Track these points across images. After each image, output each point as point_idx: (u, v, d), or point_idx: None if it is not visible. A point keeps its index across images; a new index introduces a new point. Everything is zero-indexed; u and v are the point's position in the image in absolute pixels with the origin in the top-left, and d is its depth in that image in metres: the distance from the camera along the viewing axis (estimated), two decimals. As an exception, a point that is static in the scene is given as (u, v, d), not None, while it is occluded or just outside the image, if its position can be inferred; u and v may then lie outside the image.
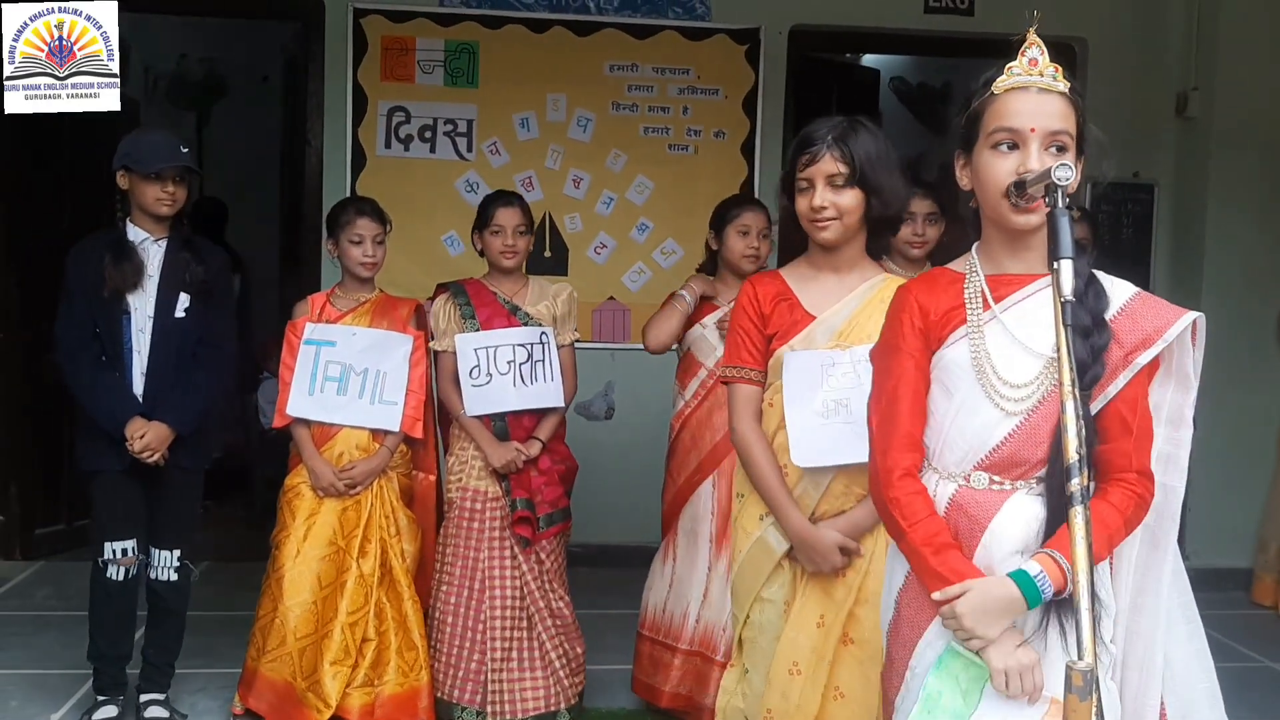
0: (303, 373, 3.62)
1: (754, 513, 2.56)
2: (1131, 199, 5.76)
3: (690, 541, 3.72)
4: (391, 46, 5.36)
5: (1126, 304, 1.89)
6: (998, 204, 1.88)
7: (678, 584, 3.72)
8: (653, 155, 5.54)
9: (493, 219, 3.70)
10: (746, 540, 2.56)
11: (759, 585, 2.54)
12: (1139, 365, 1.85)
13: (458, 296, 3.73)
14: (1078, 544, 1.49)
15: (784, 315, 2.53)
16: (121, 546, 3.54)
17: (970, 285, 1.95)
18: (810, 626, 2.48)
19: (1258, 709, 4.05)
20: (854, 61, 7.32)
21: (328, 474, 3.59)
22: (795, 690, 2.46)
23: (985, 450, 1.89)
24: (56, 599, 4.86)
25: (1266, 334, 5.51)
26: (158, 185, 3.45)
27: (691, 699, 3.66)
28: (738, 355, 2.58)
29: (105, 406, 3.46)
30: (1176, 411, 1.93)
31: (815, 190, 2.46)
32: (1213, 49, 5.51)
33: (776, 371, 2.52)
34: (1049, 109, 1.86)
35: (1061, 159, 1.84)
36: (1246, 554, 5.43)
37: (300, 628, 3.52)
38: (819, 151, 2.45)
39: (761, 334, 2.55)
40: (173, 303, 3.51)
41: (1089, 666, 1.42)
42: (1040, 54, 1.88)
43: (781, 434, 2.50)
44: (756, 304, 2.55)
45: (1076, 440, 1.52)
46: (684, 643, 3.67)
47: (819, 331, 2.50)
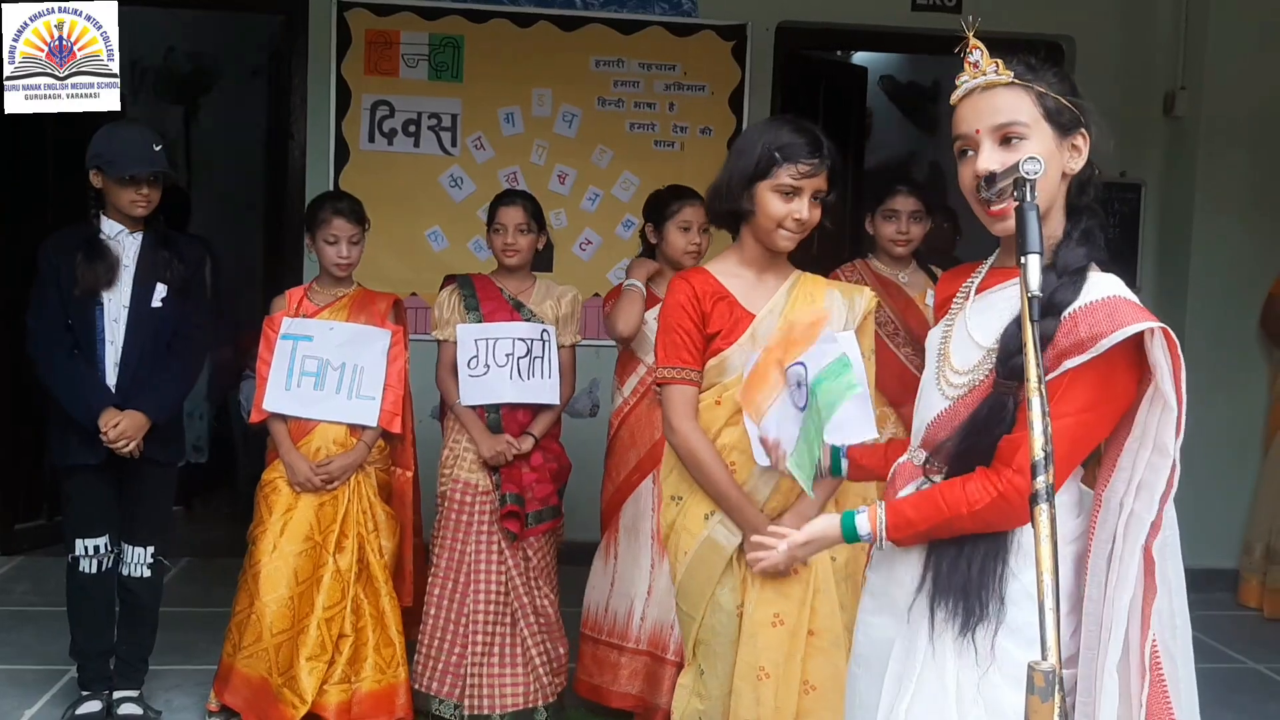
0: (280, 367, 3.59)
1: (698, 512, 2.53)
2: (1118, 198, 5.74)
3: (631, 539, 3.70)
4: (375, 40, 5.33)
5: (1088, 305, 1.79)
6: (975, 208, 1.89)
7: (620, 581, 3.70)
8: (639, 151, 5.51)
9: (495, 217, 3.72)
10: (693, 540, 2.53)
11: (711, 586, 2.52)
12: (1064, 369, 1.77)
13: (463, 288, 3.75)
14: (1041, 543, 1.46)
15: (724, 314, 2.50)
16: (93, 544, 3.52)
17: (976, 276, 1.99)
18: (766, 627, 2.46)
19: (1245, 711, 4.04)
20: (843, 59, 7.31)
21: (304, 469, 3.56)
22: (768, 694, 2.44)
23: (923, 429, 1.98)
24: (35, 594, 4.84)
25: (1252, 334, 5.50)
26: (131, 188, 3.41)
27: (643, 699, 3.63)
28: (677, 355, 2.51)
29: (78, 399, 3.43)
30: (1161, 438, 1.82)
31: (802, 200, 2.43)
32: (1200, 48, 5.50)
33: (721, 370, 2.49)
34: (992, 105, 1.85)
35: (1016, 149, 1.82)
36: (1232, 556, 5.42)
37: (276, 623, 3.50)
38: (818, 165, 2.43)
39: (701, 333, 2.51)
40: (149, 293, 3.49)
41: (1051, 667, 1.39)
42: (980, 55, 1.87)
43: (728, 433, 2.48)
44: (696, 303, 2.50)
45: (1043, 438, 1.49)
46: (631, 641, 3.65)
47: (760, 329, 2.49)
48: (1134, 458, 1.83)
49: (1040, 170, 1.61)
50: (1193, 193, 5.53)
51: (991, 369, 1.84)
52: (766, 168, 2.44)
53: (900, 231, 3.95)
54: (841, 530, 1.98)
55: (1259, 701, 4.21)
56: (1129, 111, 5.64)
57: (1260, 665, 4.57)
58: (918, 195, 3.97)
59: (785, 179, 2.42)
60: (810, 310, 2.50)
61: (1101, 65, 5.61)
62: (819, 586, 2.48)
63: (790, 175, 2.42)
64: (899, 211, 3.94)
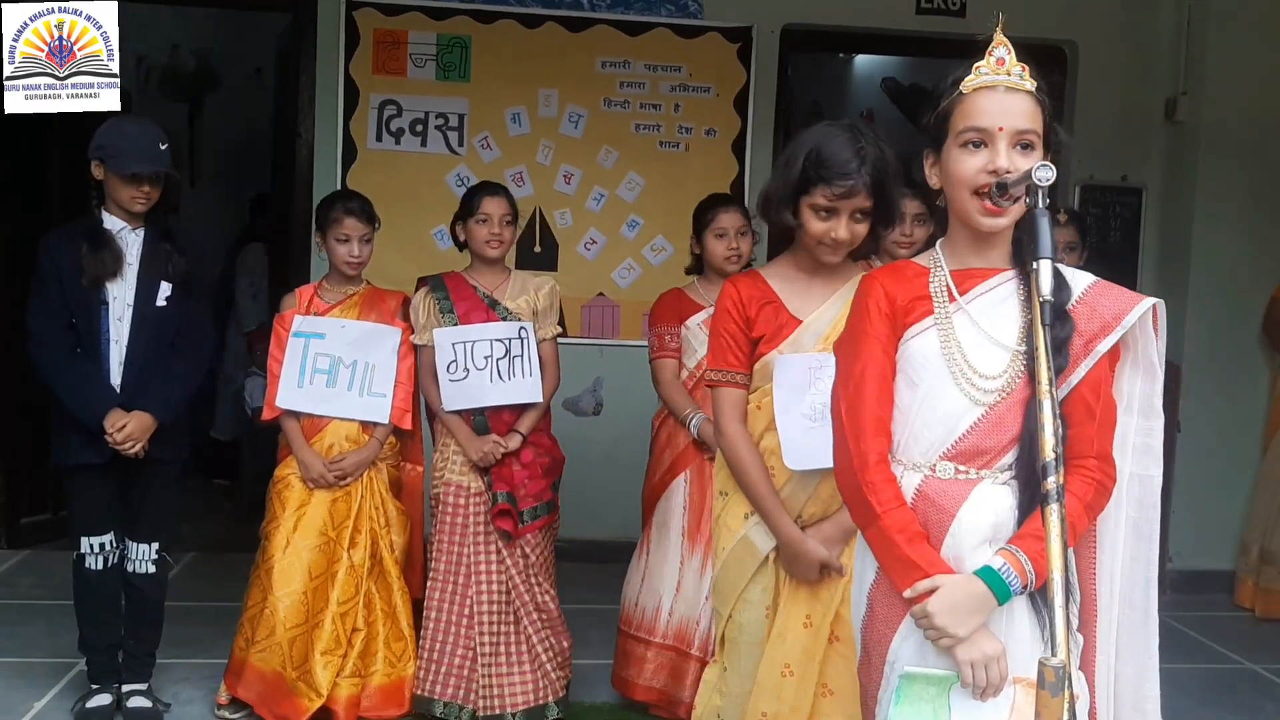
0: (292, 365, 3.62)
1: (738, 511, 2.56)
2: (1119, 202, 5.78)
3: (662, 535, 3.74)
4: (384, 40, 5.36)
5: (1085, 292, 1.92)
6: (966, 202, 1.90)
7: (650, 577, 3.74)
8: (644, 152, 5.54)
9: (479, 208, 3.69)
10: (730, 538, 2.56)
11: (743, 584, 2.55)
12: (1099, 353, 1.87)
13: (436, 290, 3.72)
14: (1053, 542, 1.50)
15: (769, 318, 2.51)
16: (99, 541, 3.53)
17: (935, 279, 1.98)
18: (798, 627, 2.49)
19: (1241, 711, 4.08)
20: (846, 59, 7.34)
21: (318, 465, 3.60)
22: (789, 692, 2.47)
23: (952, 439, 1.91)
24: (42, 588, 4.85)
25: (1252, 336, 5.54)
26: (133, 186, 3.39)
27: (666, 693, 3.67)
28: (723, 359, 2.55)
29: (82, 399, 3.41)
30: (1146, 401, 1.94)
31: (840, 220, 2.41)
32: (1202, 53, 5.53)
33: (763, 375, 2.51)
34: (1016, 108, 1.88)
35: (1028, 156, 1.86)
36: (1228, 557, 5.46)
37: (290, 618, 3.52)
38: (855, 187, 2.37)
39: (746, 337, 2.52)
40: (154, 291, 3.47)
41: (1061, 663, 1.43)
42: (1007, 53, 1.89)
43: (769, 436, 2.50)
44: (741, 307, 2.52)
45: (1053, 439, 1.54)
46: (658, 636, 3.69)
47: (805, 335, 2.50)
48: (1124, 427, 1.94)
49: (1051, 178, 1.65)
50: (1194, 197, 5.56)
51: (1024, 369, 1.88)
52: (805, 184, 2.42)
53: (904, 234, 3.95)
54: (993, 593, 1.81)
55: (1256, 702, 4.24)
56: (1131, 116, 5.69)
57: (1257, 666, 4.60)
58: (921, 198, 3.98)
59: (820, 199, 2.40)
60: None
61: (1103, 70, 5.66)
62: (846, 596, 2.45)
63: (825, 196, 2.39)
64: (903, 214, 3.96)
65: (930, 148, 1.99)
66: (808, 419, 2.44)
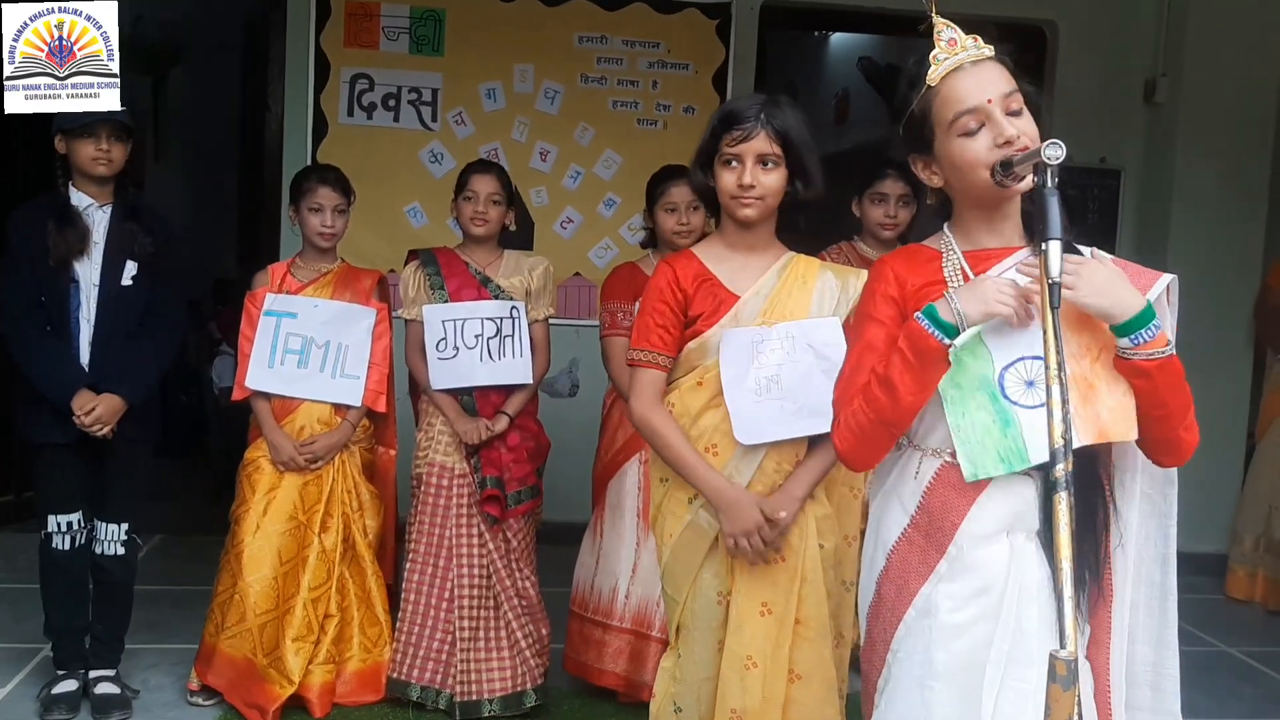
0: (263, 345, 3.54)
1: (682, 496, 2.51)
2: (1098, 184, 5.77)
3: (616, 517, 3.69)
4: (355, 12, 5.27)
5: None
6: (985, 184, 1.85)
7: (604, 559, 3.70)
8: (621, 129, 5.48)
9: (467, 184, 3.65)
10: (678, 524, 2.52)
11: (696, 567, 2.51)
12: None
13: (427, 265, 3.67)
14: (1061, 530, 1.46)
15: (707, 296, 2.48)
16: (66, 520, 3.45)
17: (949, 262, 1.94)
18: (754, 616, 2.44)
19: (1217, 693, 4.08)
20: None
21: (288, 448, 3.52)
22: (755, 685, 2.43)
23: None
24: (6, 571, 4.76)
25: (1232, 321, 5.54)
26: (91, 143, 3.33)
27: (627, 678, 3.63)
28: (648, 338, 2.49)
29: (51, 377, 3.36)
30: None
31: (744, 168, 2.41)
32: (1182, 35, 5.53)
33: (702, 353, 2.47)
34: (990, 76, 1.86)
35: (1023, 118, 1.84)
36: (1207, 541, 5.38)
37: (260, 603, 3.46)
38: (752, 129, 2.39)
39: (679, 319, 2.48)
40: (119, 270, 3.41)
41: (1071, 656, 1.39)
42: (955, 32, 1.88)
43: (710, 414, 2.46)
44: (676, 285, 2.48)
45: (1062, 425, 1.49)
46: (616, 619, 3.64)
47: (744, 311, 2.47)
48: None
49: (1062, 156, 1.60)
50: (1172, 179, 5.57)
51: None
52: (713, 143, 2.45)
53: (889, 215, 3.95)
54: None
55: (1233, 685, 4.25)
56: (1109, 97, 5.67)
57: (1234, 649, 4.62)
58: (906, 179, 3.95)
59: (725, 149, 2.43)
60: (801, 292, 2.48)
61: (1083, 51, 5.64)
62: (806, 575, 2.44)
63: (727, 144, 2.42)
64: (887, 195, 3.94)
65: (914, 152, 1.96)
66: (753, 394, 2.41)
